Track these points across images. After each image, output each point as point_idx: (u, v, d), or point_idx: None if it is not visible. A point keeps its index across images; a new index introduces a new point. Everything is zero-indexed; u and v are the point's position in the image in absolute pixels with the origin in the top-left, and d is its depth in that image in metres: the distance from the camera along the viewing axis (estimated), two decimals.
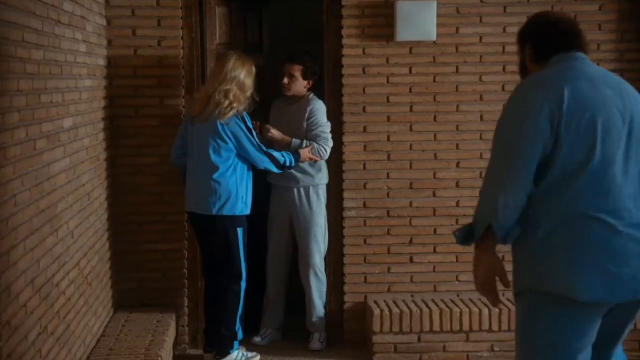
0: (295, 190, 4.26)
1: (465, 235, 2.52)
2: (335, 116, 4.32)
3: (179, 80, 4.23)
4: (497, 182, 2.42)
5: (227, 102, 3.74)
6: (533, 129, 2.36)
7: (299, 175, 4.24)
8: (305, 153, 4.12)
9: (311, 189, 4.28)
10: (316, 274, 4.31)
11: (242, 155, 3.87)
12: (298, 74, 4.21)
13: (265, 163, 3.90)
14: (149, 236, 4.26)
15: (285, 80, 4.19)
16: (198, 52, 4.25)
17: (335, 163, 4.33)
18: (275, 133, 4.18)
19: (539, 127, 2.35)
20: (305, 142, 4.21)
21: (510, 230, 2.40)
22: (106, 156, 4.08)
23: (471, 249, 2.59)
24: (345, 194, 4.37)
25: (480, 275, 2.47)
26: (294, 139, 4.20)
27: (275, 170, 3.98)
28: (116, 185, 4.21)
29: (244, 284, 3.94)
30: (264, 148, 3.92)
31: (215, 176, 3.81)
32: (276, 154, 3.95)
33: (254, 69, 3.90)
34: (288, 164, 4.01)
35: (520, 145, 2.38)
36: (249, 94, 3.85)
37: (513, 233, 2.41)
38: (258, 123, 4.11)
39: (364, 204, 4.37)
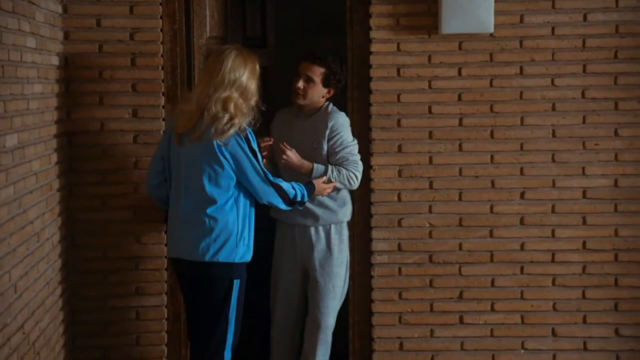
0: (312, 230, 4.11)
1: None
2: (361, 132, 4.22)
3: (158, 85, 4.14)
4: None
5: (226, 117, 3.56)
6: None
7: (317, 210, 4.07)
8: (320, 184, 3.95)
9: (332, 227, 4.13)
10: (326, 340, 4.18)
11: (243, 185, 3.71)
12: (318, 78, 4.04)
13: (270, 196, 3.70)
14: (117, 289, 4.18)
15: (300, 84, 4.02)
16: (182, 48, 4.17)
17: (361, 193, 4.21)
18: (292, 156, 3.99)
19: None
20: (331, 168, 4.01)
21: None
22: (61, 184, 4.02)
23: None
24: (374, 233, 4.25)
25: None
26: (316, 165, 4.02)
27: (282, 206, 3.77)
28: (74, 222, 4.13)
29: (228, 355, 3.75)
30: (270, 177, 3.71)
31: (210, 210, 3.62)
32: (284, 185, 3.74)
33: (257, 67, 3.71)
34: (299, 199, 3.80)
35: None
36: (253, 101, 3.66)
37: None
38: (270, 140, 3.98)
39: (399, 246, 4.26)
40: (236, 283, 3.70)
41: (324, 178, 3.95)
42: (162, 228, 4.14)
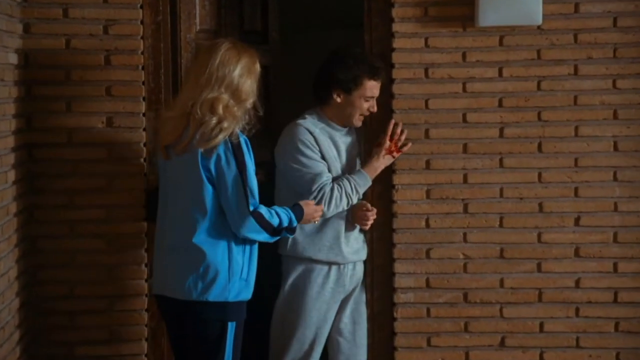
0: (360, 265, 4.19)
1: None
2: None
3: (138, 88, 4.12)
4: None
5: (213, 120, 3.52)
6: None
7: (353, 245, 4.11)
8: (311, 207, 3.80)
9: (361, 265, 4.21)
10: None
11: None
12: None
13: (248, 229, 3.57)
14: (87, 334, 4.14)
15: (375, 107, 4.05)
16: (167, 43, 4.17)
17: (381, 218, 4.18)
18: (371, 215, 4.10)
19: None
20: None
21: None
22: (19, 207, 4.00)
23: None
24: (398, 267, 4.22)
25: None
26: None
27: (264, 239, 3.63)
28: (36, 253, 4.12)
29: None
30: (252, 204, 3.56)
31: (195, 239, 3.57)
32: (264, 212, 3.60)
33: (256, 64, 3.66)
34: (286, 224, 3.65)
35: None
36: (248, 103, 3.61)
37: None
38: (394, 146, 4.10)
39: (427, 282, 4.22)
40: (231, 326, 3.65)
41: (313, 201, 3.88)
42: (142, 260, 4.13)
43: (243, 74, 3.59)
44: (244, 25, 4.55)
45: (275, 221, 3.61)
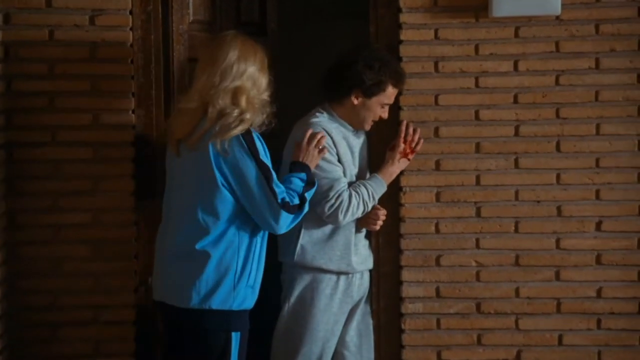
0: (358, 277, 4.05)
1: None
2: (388, 144, 4.13)
3: (126, 84, 4.09)
4: None
5: (235, 111, 3.55)
6: None
7: (361, 253, 4.03)
8: (303, 149, 3.85)
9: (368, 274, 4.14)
10: None
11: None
12: None
13: (283, 223, 3.61)
14: (70, 347, 4.09)
15: (386, 115, 3.99)
16: (158, 35, 4.14)
17: (388, 222, 4.10)
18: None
19: None
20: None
21: None
22: None
23: None
24: (405, 275, 4.17)
25: None
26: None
27: (293, 223, 3.68)
28: (17, 259, 4.09)
29: None
30: (278, 191, 3.60)
31: (200, 244, 3.58)
32: (287, 198, 3.66)
33: (266, 60, 3.70)
34: (301, 189, 3.71)
35: None
36: (265, 96, 3.66)
37: None
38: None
39: (437, 291, 4.17)
40: (235, 336, 3.64)
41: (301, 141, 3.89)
42: (131, 268, 4.07)
43: (260, 69, 3.67)
44: (240, 17, 4.55)
45: (295, 199, 3.67)
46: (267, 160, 3.62)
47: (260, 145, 3.61)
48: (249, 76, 3.66)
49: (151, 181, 4.10)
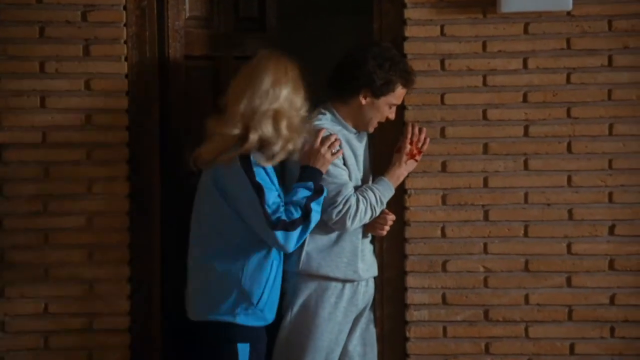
0: (363, 284, 4.02)
1: None
2: (392, 144, 4.10)
3: (120, 82, 4.09)
4: None
5: (280, 142, 3.66)
6: None
7: (367, 260, 4.00)
8: (313, 150, 3.82)
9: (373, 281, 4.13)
10: None
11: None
12: None
13: (282, 241, 3.65)
14: (61, 357, 4.06)
15: (393, 116, 3.99)
16: (153, 32, 4.13)
17: (392, 226, 4.05)
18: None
19: None
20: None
21: None
22: None
23: None
24: (410, 281, 4.14)
25: None
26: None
27: (312, 225, 3.69)
28: (5, 265, 4.06)
29: None
30: (271, 213, 3.65)
31: (209, 259, 3.71)
32: (284, 215, 3.67)
33: (298, 76, 3.79)
34: (304, 199, 3.71)
35: None
36: (303, 112, 3.77)
37: None
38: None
39: (443, 297, 4.14)
40: (242, 348, 3.69)
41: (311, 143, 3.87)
42: (125, 274, 4.05)
43: (294, 88, 3.72)
44: (239, 12, 4.49)
45: (296, 213, 3.68)
46: (266, 178, 3.66)
47: (254, 165, 3.66)
48: (285, 98, 3.71)
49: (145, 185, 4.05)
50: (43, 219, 4.02)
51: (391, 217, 3.95)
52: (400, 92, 3.91)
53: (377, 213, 3.86)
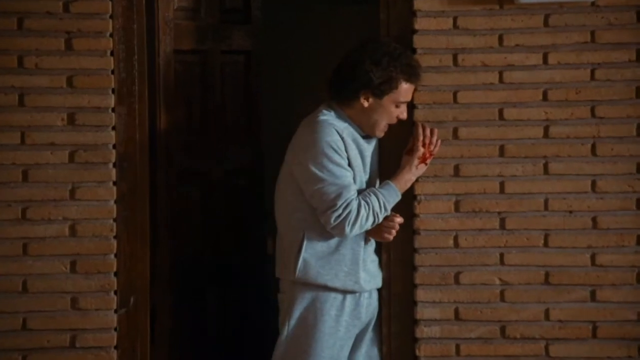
0: (366, 296, 3.97)
1: None
2: (401, 146, 4.05)
3: (106, 79, 4.03)
4: None
5: None
6: None
7: (370, 269, 3.95)
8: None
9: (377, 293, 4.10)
10: None
11: None
12: None
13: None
14: None
15: (405, 115, 3.92)
16: (141, 24, 4.08)
17: (401, 235, 4.02)
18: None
19: None
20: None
21: None
22: None
23: None
24: (420, 294, 4.07)
25: None
26: None
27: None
28: None
29: None
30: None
31: None
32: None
33: None
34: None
35: None
36: None
37: None
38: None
39: (456, 313, 4.06)
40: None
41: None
42: (111, 286, 3.98)
43: None
44: (225, 3, 4.56)
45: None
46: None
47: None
48: None
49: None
50: (21, 227, 3.96)
51: (399, 220, 3.86)
52: (405, 88, 3.82)
53: (380, 220, 3.78)
